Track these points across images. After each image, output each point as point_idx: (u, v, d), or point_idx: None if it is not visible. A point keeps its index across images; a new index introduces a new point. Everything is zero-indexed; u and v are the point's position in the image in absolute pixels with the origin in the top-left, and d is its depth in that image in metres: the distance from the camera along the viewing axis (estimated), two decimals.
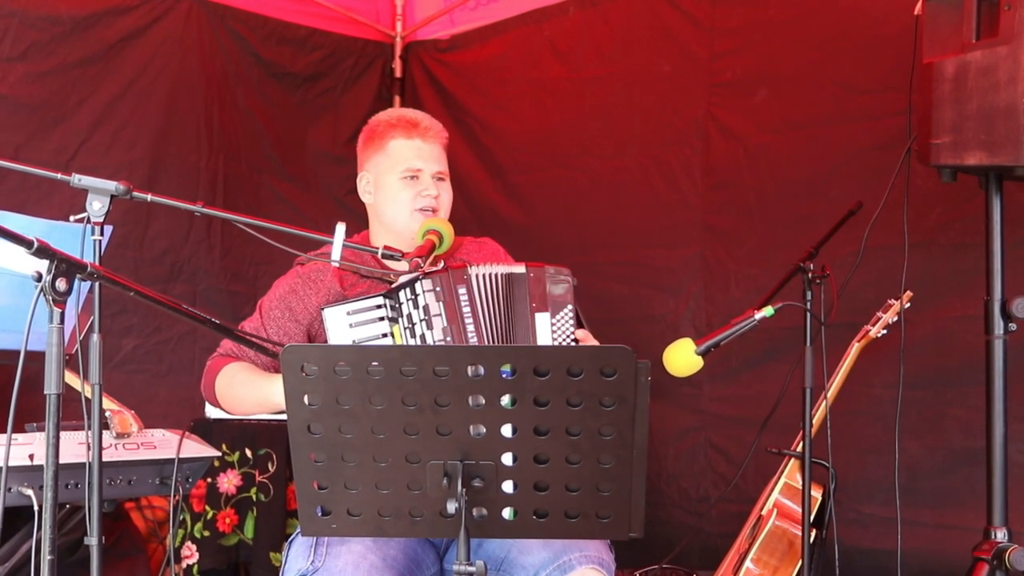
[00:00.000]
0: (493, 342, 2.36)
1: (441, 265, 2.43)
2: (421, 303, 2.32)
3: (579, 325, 2.45)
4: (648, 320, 4.25)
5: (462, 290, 2.37)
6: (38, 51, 4.04)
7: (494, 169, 4.82)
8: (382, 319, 2.34)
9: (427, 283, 2.33)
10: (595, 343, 2.41)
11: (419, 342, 2.32)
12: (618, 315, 4.21)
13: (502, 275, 2.43)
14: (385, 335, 2.34)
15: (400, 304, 2.33)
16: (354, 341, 2.32)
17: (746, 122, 4.06)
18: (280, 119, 4.84)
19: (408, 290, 2.33)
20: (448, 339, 2.32)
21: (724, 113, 4.11)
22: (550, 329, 2.41)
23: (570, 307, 2.43)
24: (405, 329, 2.32)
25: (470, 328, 2.36)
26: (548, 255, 2.50)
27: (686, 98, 4.23)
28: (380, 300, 2.35)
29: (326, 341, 2.35)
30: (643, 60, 4.38)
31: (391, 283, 2.38)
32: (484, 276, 2.42)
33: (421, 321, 2.32)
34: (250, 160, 4.72)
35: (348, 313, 2.34)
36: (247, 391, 2.48)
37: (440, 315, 2.33)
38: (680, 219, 4.24)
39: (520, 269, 2.45)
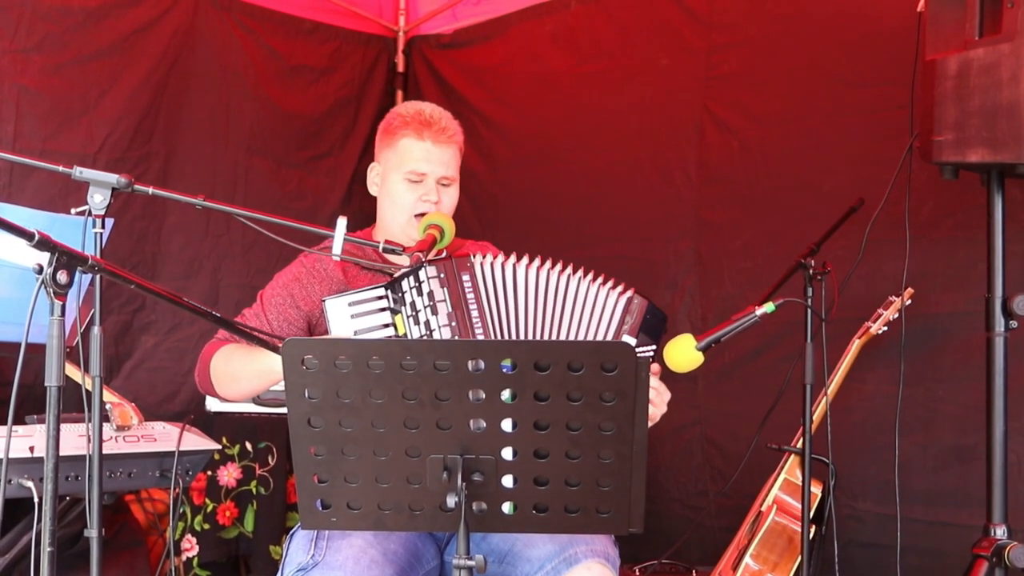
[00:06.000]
0: (497, 330, 2.36)
1: (444, 255, 2.43)
2: (425, 289, 2.32)
3: None
4: None
5: (466, 277, 2.37)
6: (53, 42, 4.01)
7: (495, 163, 4.82)
8: (384, 310, 2.35)
9: (431, 270, 2.33)
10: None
11: (423, 329, 2.32)
12: None
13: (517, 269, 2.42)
14: (386, 326, 2.34)
15: (403, 294, 2.33)
16: (355, 332, 2.33)
17: (741, 116, 4.06)
18: (302, 112, 4.80)
19: (412, 278, 2.33)
20: (453, 324, 2.31)
21: (720, 107, 4.11)
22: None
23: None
24: (408, 317, 2.32)
25: (475, 314, 2.35)
26: (547, 250, 2.49)
27: (683, 91, 4.23)
28: (382, 291, 2.35)
29: (327, 331, 2.35)
30: (643, 54, 4.37)
31: (392, 275, 2.38)
32: (491, 265, 2.40)
33: (425, 307, 2.32)
34: (275, 153, 4.69)
35: (350, 304, 2.35)
36: (245, 363, 2.47)
37: (445, 300, 2.32)
38: (675, 213, 4.23)
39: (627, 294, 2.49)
